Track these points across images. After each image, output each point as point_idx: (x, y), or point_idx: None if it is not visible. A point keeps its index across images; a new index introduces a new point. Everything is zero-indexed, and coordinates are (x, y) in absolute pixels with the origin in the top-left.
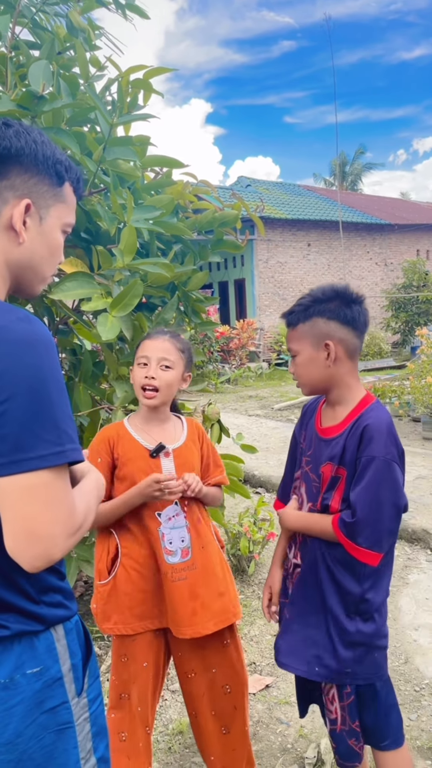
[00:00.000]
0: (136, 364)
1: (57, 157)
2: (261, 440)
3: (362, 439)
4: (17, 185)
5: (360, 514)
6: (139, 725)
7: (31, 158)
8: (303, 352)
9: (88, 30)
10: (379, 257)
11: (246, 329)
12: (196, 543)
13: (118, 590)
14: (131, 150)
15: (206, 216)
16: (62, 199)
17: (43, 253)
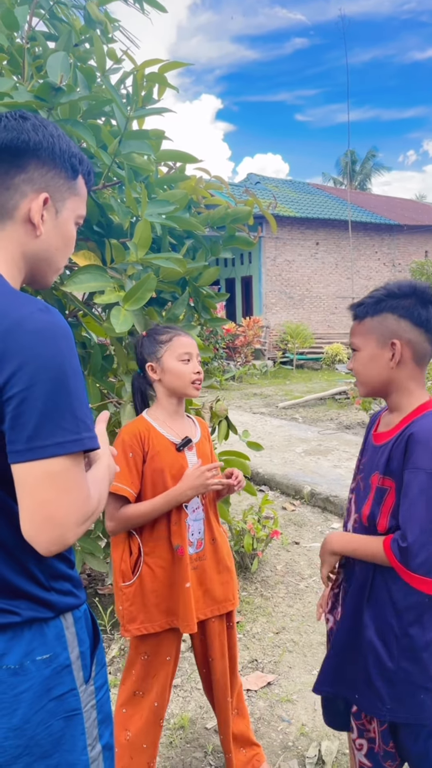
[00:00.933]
0: (175, 359)
1: (72, 151)
2: (265, 438)
3: (407, 449)
4: (35, 179)
5: (411, 537)
6: (153, 721)
7: (49, 152)
8: (366, 348)
9: (106, 22)
10: (387, 258)
11: (252, 327)
12: (208, 535)
13: (144, 589)
14: (147, 144)
15: (219, 212)
16: (76, 192)
17: (59, 245)
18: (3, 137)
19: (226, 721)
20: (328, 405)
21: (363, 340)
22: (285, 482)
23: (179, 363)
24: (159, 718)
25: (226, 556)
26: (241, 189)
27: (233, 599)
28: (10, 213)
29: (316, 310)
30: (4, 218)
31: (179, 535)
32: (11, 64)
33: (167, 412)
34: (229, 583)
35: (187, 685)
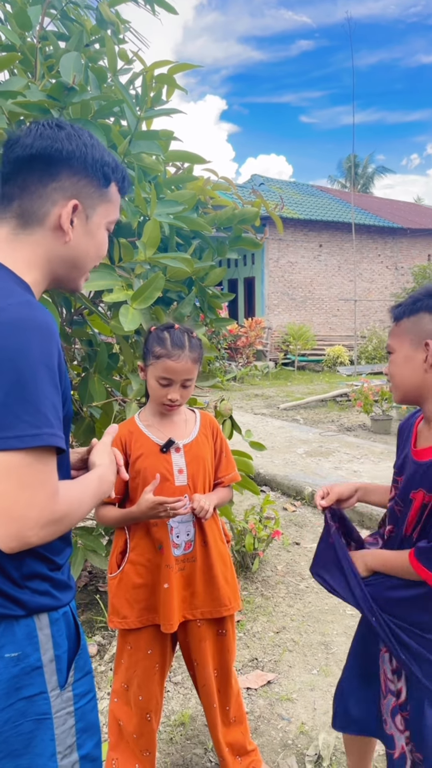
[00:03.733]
0: (154, 378)
1: (105, 159)
2: (267, 439)
3: None
4: (66, 186)
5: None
6: (138, 714)
7: (81, 161)
8: (400, 350)
9: (117, 23)
10: (390, 261)
11: (254, 327)
12: (199, 537)
13: (127, 584)
14: (156, 144)
15: (226, 212)
16: (108, 199)
17: (88, 250)
18: (38, 145)
19: (212, 726)
20: (329, 407)
21: (398, 341)
22: (286, 483)
23: (155, 383)
24: (145, 713)
25: (219, 561)
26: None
27: (229, 605)
28: (40, 220)
29: (318, 312)
30: (34, 224)
31: (160, 535)
32: (23, 63)
33: (155, 413)
34: (221, 588)
35: (187, 682)
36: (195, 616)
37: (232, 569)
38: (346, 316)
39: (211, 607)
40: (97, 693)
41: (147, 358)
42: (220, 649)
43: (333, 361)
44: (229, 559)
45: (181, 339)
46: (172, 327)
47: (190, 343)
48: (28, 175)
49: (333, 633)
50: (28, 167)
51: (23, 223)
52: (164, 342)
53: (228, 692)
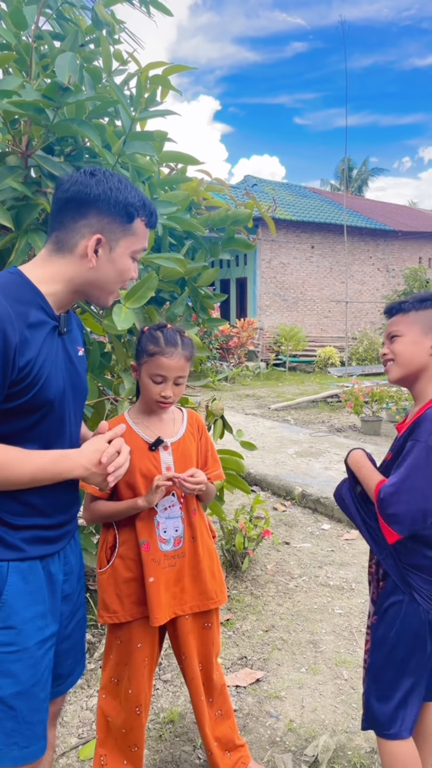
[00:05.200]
0: (147, 376)
1: (129, 201)
2: (257, 439)
3: (415, 429)
4: (93, 223)
5: (392, 484)
6: (128, 709)
7: (106, 203)
8: (409, 334)
9: (113, 23)
10: (381, 263)
11: (246, 328)
12: (187, 533)
13: (116, 578)
14: (150, 145)
15: (219, 213)
16: (132, 233)
17: (111, 275)
18: (73, 190)
19: (200, 720)
20: (320, 408)
21: (407, 327)
22: (276, 483)
23: (149, 380)
24: (134, 706)
25: (206, 556)
26: (238, 191)
27: (214, 598)
28: (71, 248)
29: (309, 313)
30: (65, 251)
31: (145, 531)
32: (18, 63)
33: (144, 410)
34: (208, 583)
35: (176, 680)
36: (185, 611)
37: (218, 564)
38: (338, 318)
39: (199, 601)
40: (87, 690)
41: (140, 356)
42: (205, 641)
43: (324, 362)
44: (216, 553)
45: (174, 337)
46: (165, 326)
47: (183, 342)
48: (65, 214)
49: (321, 632)
50: (64, 207)
51: (57, 249)
52: (158, 340)
53: (211, 685)
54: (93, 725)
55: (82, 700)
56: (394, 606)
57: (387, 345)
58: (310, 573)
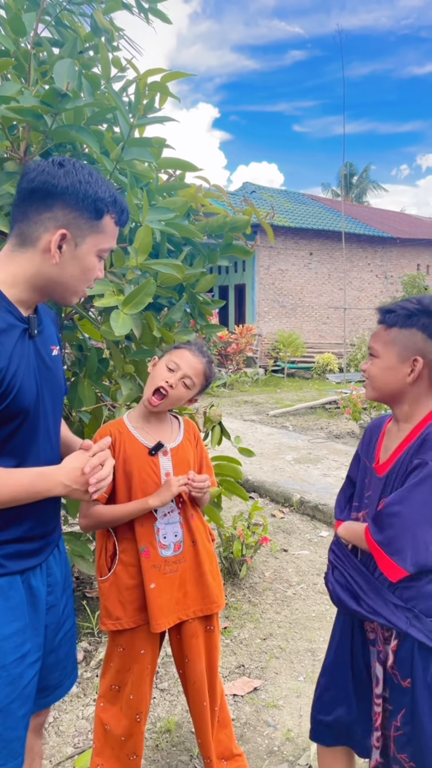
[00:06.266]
0: (165, 363)
1: (98, 195)
2: (256, 445)
3: (420, 448)
4: (59, 217)
5: (387, 508)
6: (128, 715)
7: (74, 196)
8: (386, 358)
9: (111, 31)
10: (379, 270)
11: (245, 334)
12: (187, 538)
13: (118, 585)
14: (149, 151)
15: (217, 220)
16: (99, 230)
17: (75, 273)
18: (39, 180)
19: (201, 725)
20: (318, 414)
21: (385, 348)
22: (275, 490)
23: (164, 367)
24: (135, 713)
25: (207, 559)
26: (236, 198)
27: (217, 601)
28: (33, 242)
29: (308, 320)
30: (28, 245)
31: (145, 537)
32: (17, 69)
33: (143, 415)
34: (210, 586)
35: (173, 689)
36: (189, 615)
37: (217, 567)
38: (336, 324)
39: (202, 604)
40: (83, 699)
41: (168, 351)
42: (209, 645)
43: (322, 369)
44: (215, 557)
45: (204, 351)
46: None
47: (209, 361)
48: (29, 205)
49: (320, 640)
50: (29, 198)
51: (20, 243)
52: (191, 344)
53: (215, 690)
54: (89, 734)
55: (78, 709)
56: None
57: (368, 360)
58: (308, 580)
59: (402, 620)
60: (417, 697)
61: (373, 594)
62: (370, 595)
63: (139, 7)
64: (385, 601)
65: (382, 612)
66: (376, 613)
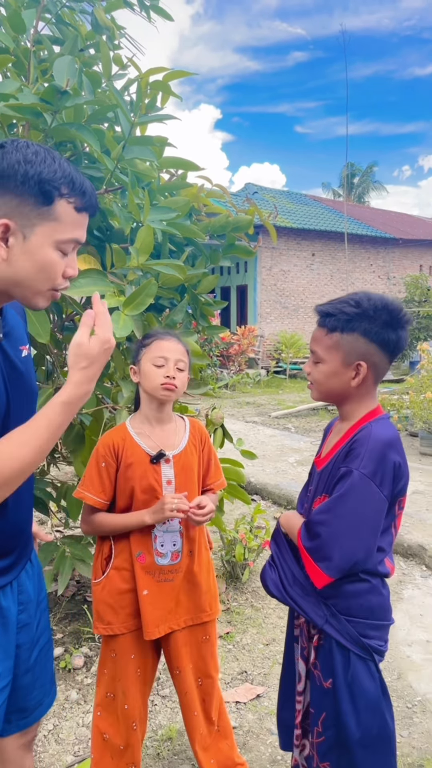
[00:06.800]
0: (150, 363)
1: (43, 176)
2: (258, 447)
3: (347, 455)
4: (0, 206)
5: (316, 517)
6: (125, 723)
7: (13, 180)
8: (329, 362)
9: (113, 28)
10: (382, 270)
11: (246, 335)
12: (186, 547)
13: (111, 589)
14: (150, 150)
15: (220, 220)
16: (51, 218)
17: (29, 270)
18: None
19: (191, 735)
20: (320, 415)
21: (328, 354)
22: (277, 492)
23: (151, 366)
24: (130, 721)
25: (203, 569)
26: (238, 198)
27: (209, 611)
28: None
29: (310, 321)
30: None
31: (142, 543)
32: (16, 67)
33: (148, 419)
34: (204, 596)
35: (175, 696)
36: (179, 625)
37: (214, 577)
38: None
39: (193, 614)
40: (83, 706)
41: (138, 353)
42: (203, 655)
43: None
44: (212, 566)
45: (169, 330)
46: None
47: (177, 335)
48: None
49: None
50: None
51: None
52: (152, 333)
53: (212, 701)
54: (89, 742)
55: (79, 717)
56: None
57: (310, 362)
58: None
59: (320, 616)
60: (339, 699)
61: (297, 586)
62: (294, 588)
63: (141, 4)
64: (306, 594)
65: (302, 605)
66: (298, 605)
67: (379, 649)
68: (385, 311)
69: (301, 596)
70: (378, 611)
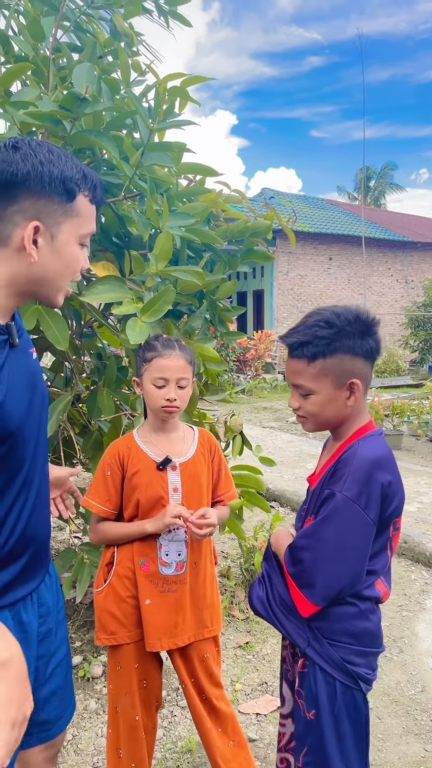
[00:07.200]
0: (150, 382)
1: (65, 174)
2: (276, 453)
3: (332, 477)
4: (26, 208)
5: (299, 541)
6: (137, 736)
7: (38, 181)
8: (321, 391)
9: (131, 35)
10: (400, 274)
11: (263, 340)
12: (191, 558)
13: (114, 598)
14: (169, 156)
15: (238, 225)
16: (74, 214)
17: (58, 268)
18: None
19: (209, 749)
20: None
21: (316, 383)
22: (296, 499)
23: (151, 386)
24: (140, 732)
25: (207, 582)
26: (255, 203)
27: (210, 627)
28: (4, 241)
29: None
30: (0, 246)
31: (146, 551)
32: (36, 75)
33: (152, 428)
34: (206, 611)
35: None
36: (184, 641)
37: (217, 591)
38: None
39: (195, 630)
40: (102, 717)
41: (140, 368)
42: (205, 672)
43: None
44: (216, 580)
45: (170, 342)
46: (160, 336)
47: (180, 346)
48: None
49: None
50: None
51: None
52: (154, 346)
53: (218, 715)
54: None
55: (98, 727)
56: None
57: (295, 396)
58: None
59: (303, 638)
60: (323, 731)
61: (283, 606)
62: (280, 607)
63: (159, 10)
64: (290, 614)
65: (286, 625)
66: (282, 625)
67: (366, 677)
68: (358, 322)
69: (286, 616)
70: (364, 637)
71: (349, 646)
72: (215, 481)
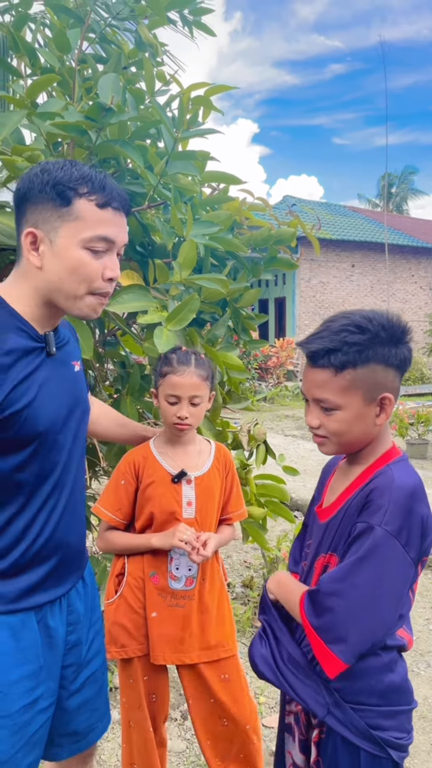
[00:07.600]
0: (163, 398)
1: (57, 178)
2: (298, 462)
3: (364, 506)
4: (28, 218)
5: (326, 586)
6: (150, 749)
7: (34, 191)
8: (349, 407)
9: (156, 45)
10: (424, 281)
11: (285, 348)
12: (201, 574)
13: (126, 609)
14: (193, 165)
15: (262, 233)
16: (73, 217)
17: (61, 273)
18: (14, 197)
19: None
20: None
21: (344, 397)
22: None
23: (164, 401)
24: (152, 745)
25: (216, 598)
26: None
27: (227, 645)
28: (20, 254)
29: None
30: (20, 259)
31: (156, 564)
32: (62, 86)
33: (169, 440)
34: (218, 628)
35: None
36: (192, 659)
37: (229, 609)
38: None
39: (200, 650)
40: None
41: (156, 381)
42: (227, 695)
43: None
44: (227, 597)
45: (187, 357)
46: (179, 348)
47: (197, 361)
48: (15, 219)
49: None
50: (14, 213)
51: (17, 260)
52: (170, 361)
53: (242, 746)
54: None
55: (120, 737)
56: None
57: (315, 413)
58: None
59: (321, 705)
60: None
61: (293, 665)
62: (290, 667)
63: (183, 20)
64: (304, 675)
65: (299, 690)
66: (294, 690)
67: (397, 743)
68: (393, 327)
69: (298, 678)
70: (392, 694)
71: (375, 708)
72: (226, 497)
